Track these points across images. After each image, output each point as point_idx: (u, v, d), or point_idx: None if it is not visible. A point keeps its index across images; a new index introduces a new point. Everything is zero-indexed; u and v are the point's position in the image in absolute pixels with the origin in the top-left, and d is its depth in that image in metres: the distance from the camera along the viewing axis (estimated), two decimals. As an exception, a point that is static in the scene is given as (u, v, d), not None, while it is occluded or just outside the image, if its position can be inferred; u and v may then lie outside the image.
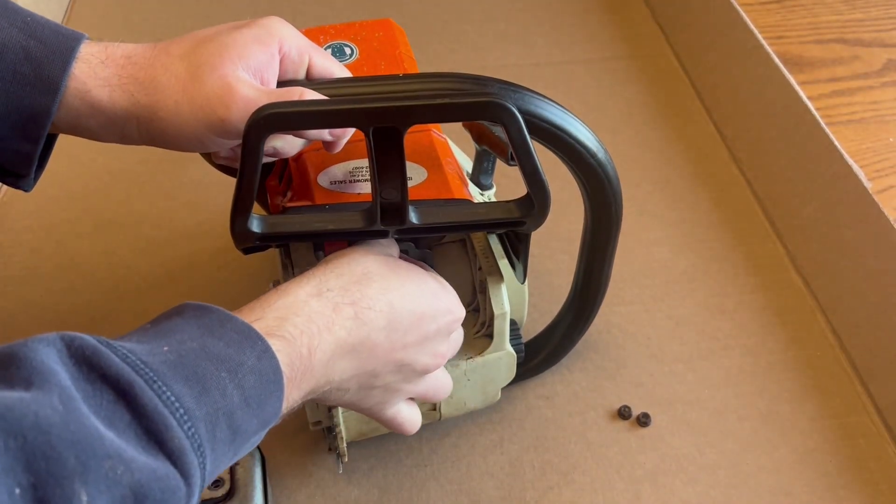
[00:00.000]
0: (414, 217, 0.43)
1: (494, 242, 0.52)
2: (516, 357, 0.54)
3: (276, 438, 0.53)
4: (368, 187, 0.45)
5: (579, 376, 0.61)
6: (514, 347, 0.54)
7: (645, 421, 0.58)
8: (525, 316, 0.57)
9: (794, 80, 0.71)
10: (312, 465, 0.56)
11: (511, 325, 0.53)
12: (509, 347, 0.53)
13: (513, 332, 0.54)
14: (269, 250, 0.50)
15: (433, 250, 0.55)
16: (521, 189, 0.44)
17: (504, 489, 0.55)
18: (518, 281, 0.53)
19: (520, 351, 0.54)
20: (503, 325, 0.52)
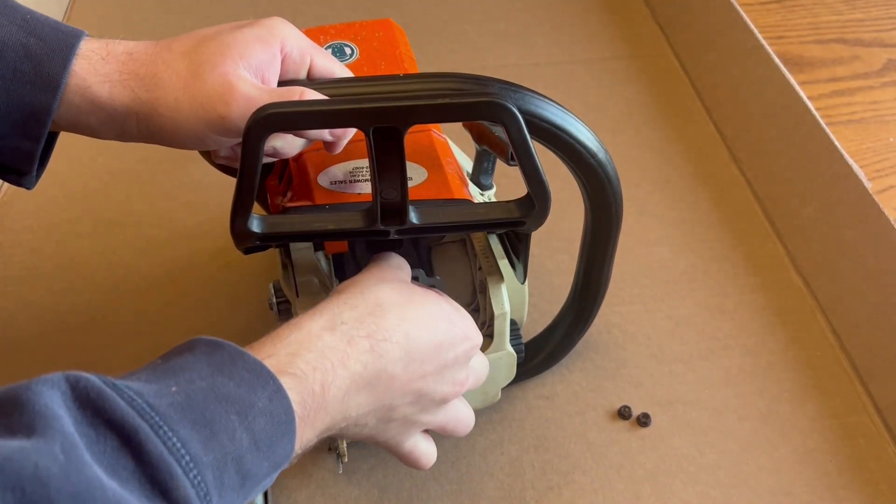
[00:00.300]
0: (414, 217, 0.43)
1: (494, 242, 0.52)
2: (516, 357, 0.54)
3: (276, 438, 0.52)
4: (368, 187, 0.45)
5: (579, 376, 0.61)
6: (514, 347, 0.54)
7: (645, 421, 0.58)
8: (525, 316, 0.57)
9: (794, 80, 0.71)
10: (312, 466, 0.56)
11: (511, 326, 0.53)
12: (509, 347, 0.53)
13: (513, 332, 0.54)
14: (269, 250, 0.50)
15: (433, 250, 0.55)
16: (521, 189, 0.44)
17: (504, 489, 0.55)
18: (518, 281, 0.53)
19: (520, 351, 0.54)
20: (503, 326, 0.52)
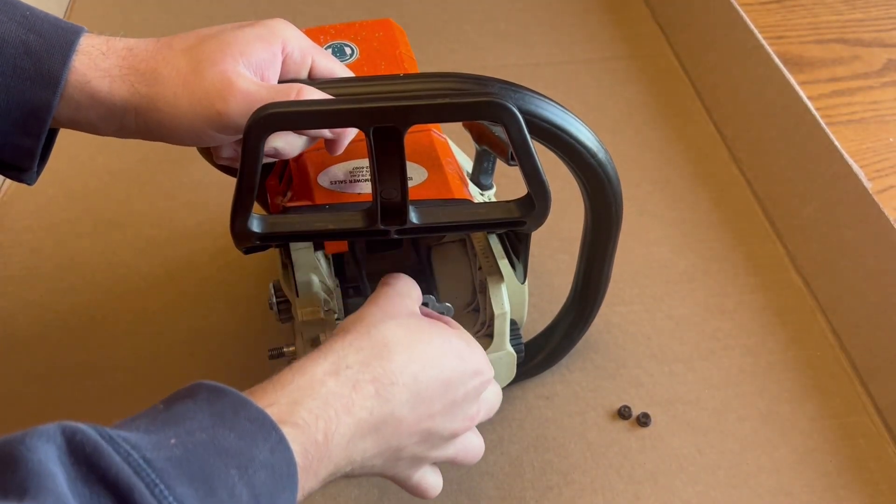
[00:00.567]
0: (414, 217, 0.43)
1: (494, 242, 0.52)
2: (516, 357, 0.54)
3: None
4: (369, 187, 0.45)
5: (579, 376, 0.61)
6: (514, 347, 0.54)
7: (645, 421, 0.58)
8: (525, 316, 0.57)
9: (794, 80, 0.71)
10: (312, 465, 0.56)
11: (511, 325, 0.53)
12: (509, 347, 0.53)
13: (513, 332, 0.54)
14: (269, 250, 0.50)
15: (433, 250, 0.55)
16: (521, 189, 0.44)
17: (504, 489, 0.55)
18: (518, 281, 0.53)
19: (520, 351, 0.54)
20: (503, 325, 0.52)
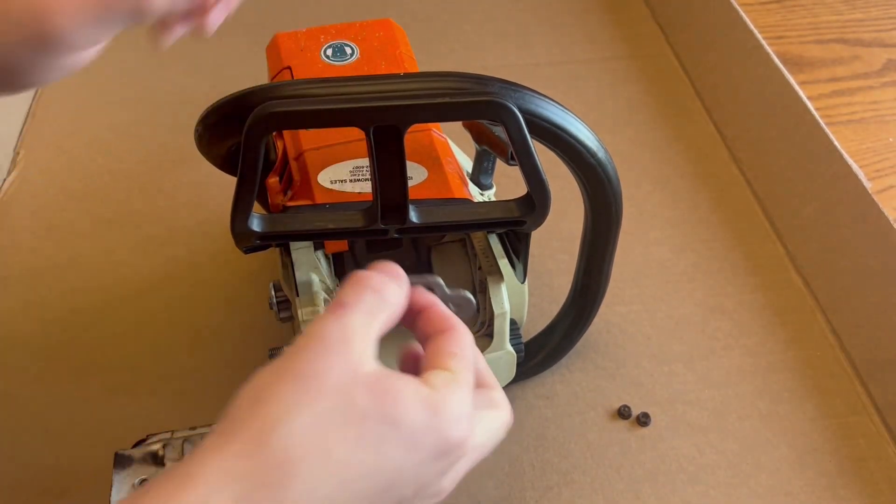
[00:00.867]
0: (414, 216, 0.43)
1: (494, 242, 0.52)
2: (516, 357, 0.54)
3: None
4: (369, 186, 0.45)
5: (579, 376, 0.61)
6: (513, 347, 0.54)
7: (645, 421, 0.58)
8: (525, 315, 0.57)
9: (793, 80, 0.71)
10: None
11: (511, 325, 0.53)
12: (509, 347, 0.53)
13: (513, 331, 0.54)
14: (269, 250, 0.50)
15: (433, 250, 0.55)
16: (521, 189, 0.44)
17: (504, 489, 0.55)
18: (518, 280, 0.53)
19: (520, 350, 0.54)
20: (503, 325, 0.52)
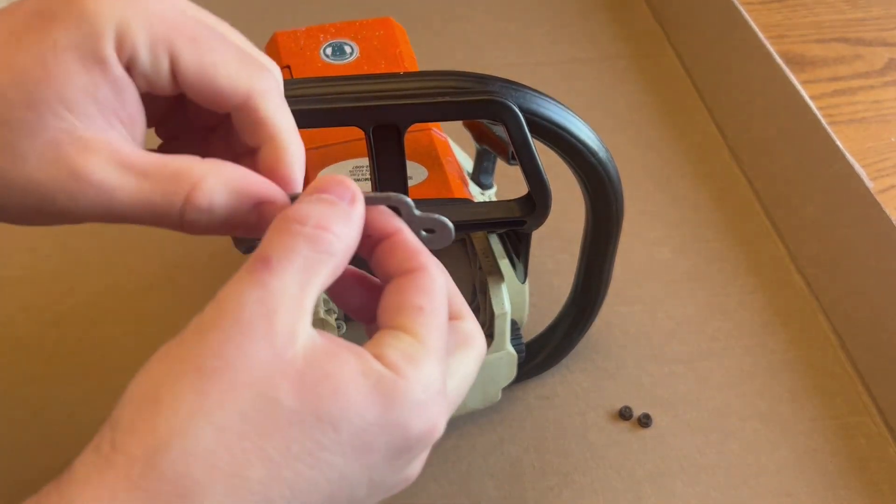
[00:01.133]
0: None
1: (495, 242, 0.52)
2: (517, 357, 0.54)
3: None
4: (368, 186, 0.45)
5: (580, 377, 0.61)
6: (514, 347, 0.53)
7: (646, 421, 0.58)
8: (526, 316, 0.56)
9: (795, 80, 0.71)
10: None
11: (512, 326, 0.53)
12: (510, 347, 0.53)
13: (513, 332, 0.53)
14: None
15: (433, 250, 0.55)
16: (521, 188, 0.44)
17: (504, 490, 0.55)
18: (519, 281, 0.52)
19: (520, 351, 0.54)
20: (504, 326, 0.51)
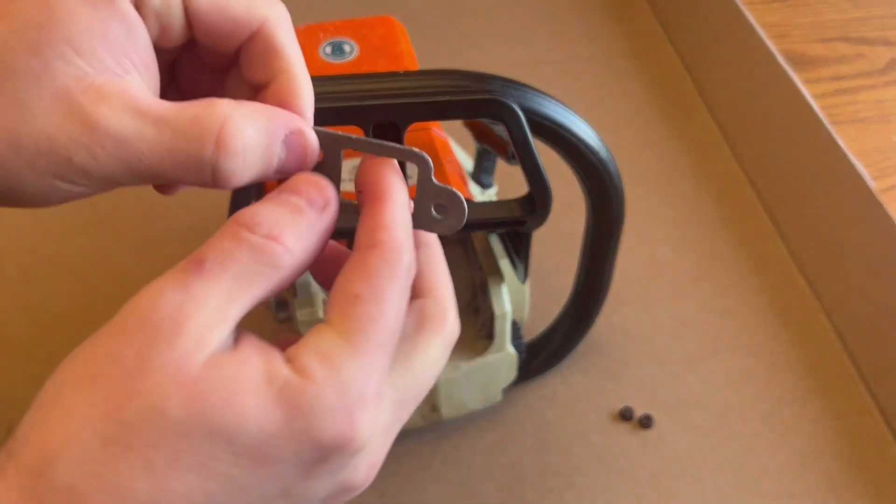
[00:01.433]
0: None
1: (495, 242, 0.52)
2: (517, 358, 0.54)
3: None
4: None
5: (580, 377, 0.61)
6: (514, 348, 0.53)
7: (647, 422, 0.58)
8: (526, 316, 0.56)
9: (797, 79, 0.70)
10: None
11: (512, 326, 0.53)
12: (510, 348, 0.53)
13: (514, 332, 0.53)
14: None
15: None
16: (522, 188, 0.44)
17: (505, 491, 0.55)
18: (519, 281, 0.52)
19: (521, 352, 0.54)
20: (504, 326, 0.51)
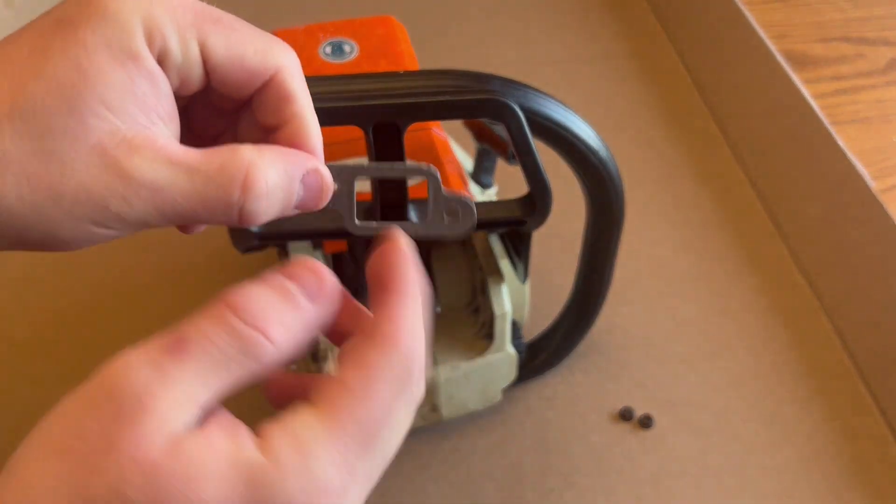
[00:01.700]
0: (414, 216, 0.43)
1: (495, 242, 0.52)
2: (517, 358, 0.54)
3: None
4: (368, 186, 0.44)
5: (581, 377, 0.61)
6: (515, 348, 0.53)
7: (647, 423, 0.58)
8: (526, 316, 0.56)
9: (797, 79, 0.70)
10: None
11: (512, 326, 0.52)
12: (510, 348, 0.53)
13: (514, 332, 0.53)
14: (267, 250, 0.50)
15: (433, 250, 0.54)
16: (522, 188, 0.44)
17: (505, 491, 0.55)
18: (519, 281, 0.52)
19: (521, 352, 0.54)
20: (504, 326, 0.51)
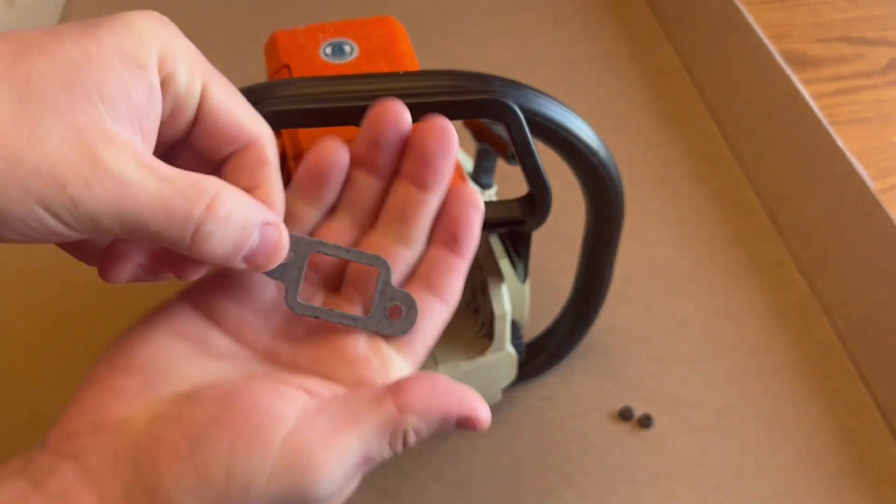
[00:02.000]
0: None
1: (495, 242, 0.52)
2: (517, 358, 0.54)
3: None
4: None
5: (580, 377, 0.61)
6: (514, 348, 0.53)
7: (647, 422, 0.58)
8: (526, 316, 0.56)
9: (796, 79, 0.70)
10: (311, 467, 0.56)
11: (512, 326, 0.52)
12: (510, 348, 0.53)
13: (513, 332, 0.53)
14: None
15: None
16: (522, 188, 0.44)
17: (505, 491, 0.55)
18: (519, 281, 0.52)
19: (521, 351, 0.54)
20: (503, 326, 0.51)
